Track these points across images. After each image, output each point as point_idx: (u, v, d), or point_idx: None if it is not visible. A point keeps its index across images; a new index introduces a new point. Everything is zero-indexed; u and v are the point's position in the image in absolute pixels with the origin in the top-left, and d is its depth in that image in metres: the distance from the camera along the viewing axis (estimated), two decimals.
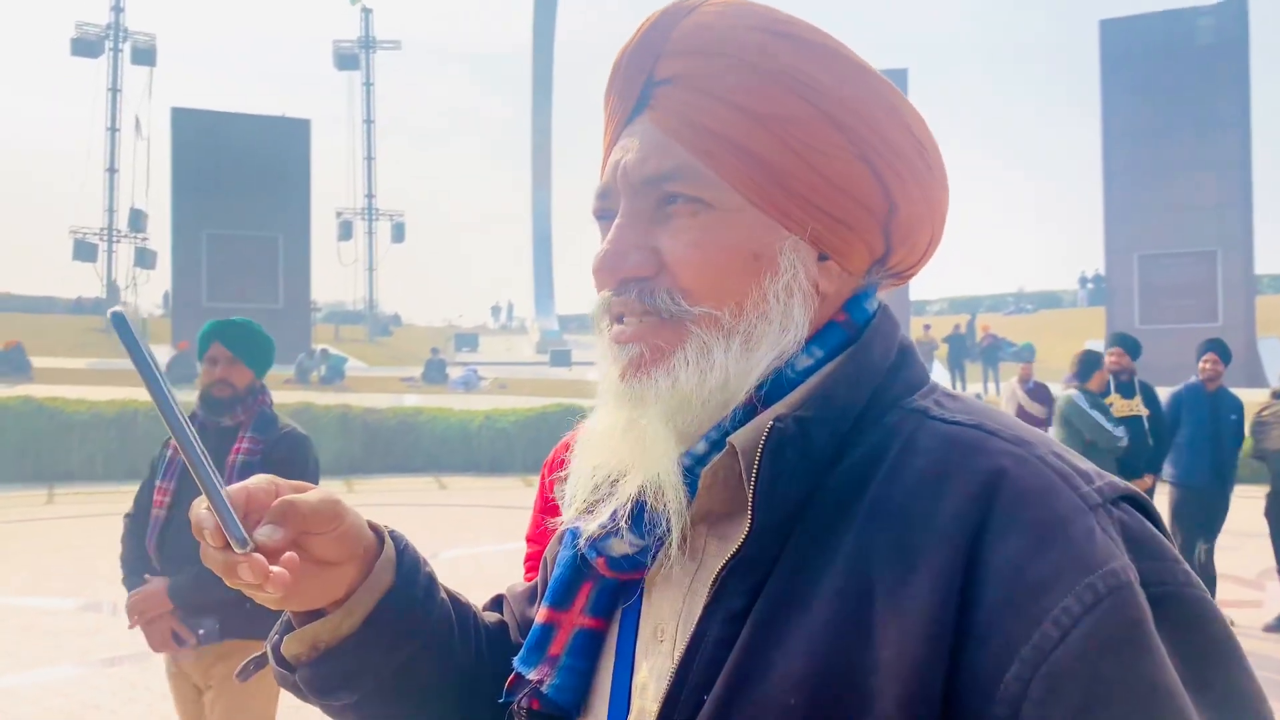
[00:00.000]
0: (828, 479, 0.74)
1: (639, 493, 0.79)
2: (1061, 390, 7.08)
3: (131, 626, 3.19)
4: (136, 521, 3.38)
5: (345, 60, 45.53)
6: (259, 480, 0.79)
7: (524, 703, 0.85)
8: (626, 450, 0.79)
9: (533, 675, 0.84)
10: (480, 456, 19.23)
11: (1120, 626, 0.62)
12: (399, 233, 46.44)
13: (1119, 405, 6.80)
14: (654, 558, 0.80)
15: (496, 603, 1.05)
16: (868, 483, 0.73)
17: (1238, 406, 7.13)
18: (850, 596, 0.68)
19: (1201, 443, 6.85)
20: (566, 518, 0.86)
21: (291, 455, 3.25)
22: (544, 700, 0.84)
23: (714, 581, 0.74)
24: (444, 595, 0.91)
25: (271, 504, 0.78)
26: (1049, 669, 0.61)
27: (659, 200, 0.80)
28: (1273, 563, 7.02)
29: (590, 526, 0.82)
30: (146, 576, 3.23)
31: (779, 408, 0.76)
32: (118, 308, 0.72)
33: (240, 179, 34.25)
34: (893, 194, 0.80)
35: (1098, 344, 25.12)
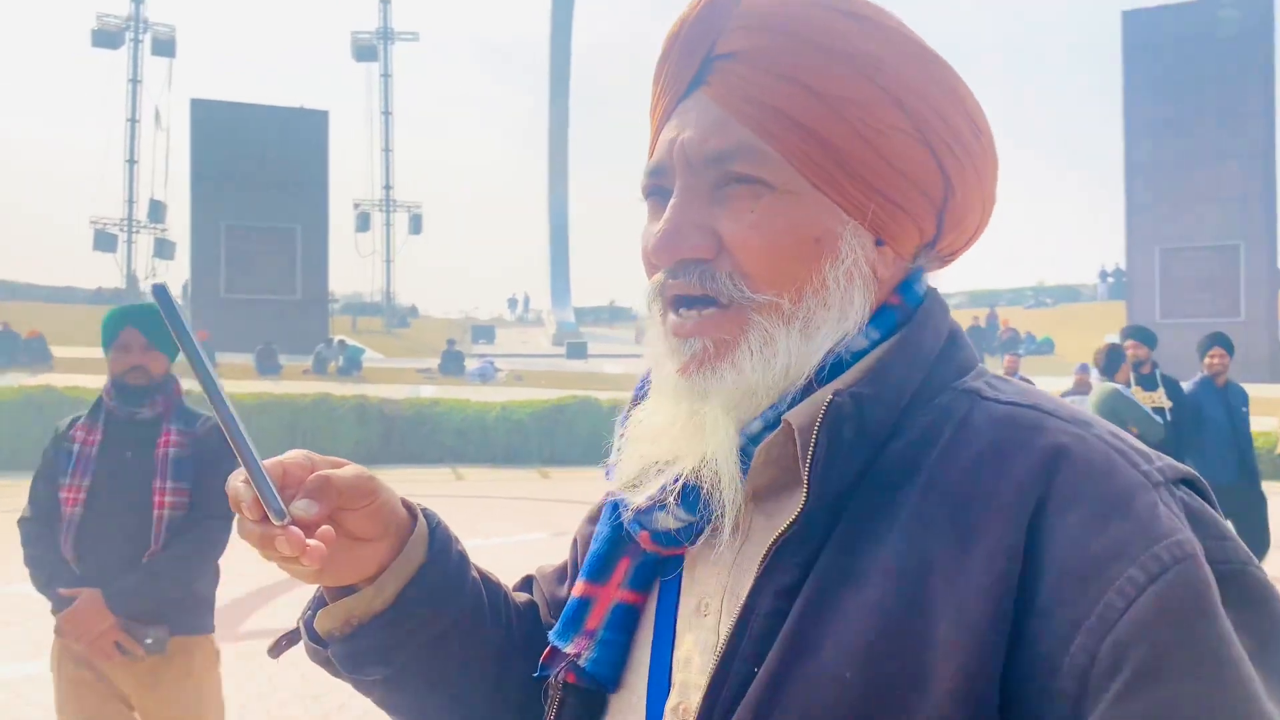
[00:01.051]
0: (882, 457, 0.74)
1: (692, 474, 0.77)
2: (1096, 383, 7.02)
3: (74, 643, 2.97)
4: (40, 524, 3.09)
5: (363, 52, 45.59)
6: (294, 455, 0.79)
7: (560, 676, 0.84)
8: (686, 441, 0.78)
9: (569, 649, 0.84)
10: (496, 448, 19.29)
11: (1186, 595, 0.61)
12: (416, 224, 46.56)
13: (1141, 398, 6.75)
14: (698, 535, 0.80)
15: (526, 583, 1.04)
16: (922, 461, 0.72)
17: (1245, 398, 7.02)
18: (907, 573, 0.68)
19: (1223, 440, 6.77)
20: (613, 489, 0.85)
21: (223, 448, 3.05)
22: (580, 674, 0.83)
23: (765, 556, 0.73)
24: (475, 573, 0.91)
25: (306, 479, 0.77)
26: (1114, 638, 0.61)
27: (718, 180, 0.78)
28: None
29: (638, 499, 0.81)
30: (62, 592, 2.99)
31: (835, 384, 0.75)
32: (160, 280, 0.72)
33: (258, 170, 34.43)
34: (951, 178, 0.79)
35: (1115, 338, 24.86)
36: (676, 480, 0.78)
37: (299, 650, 0.93)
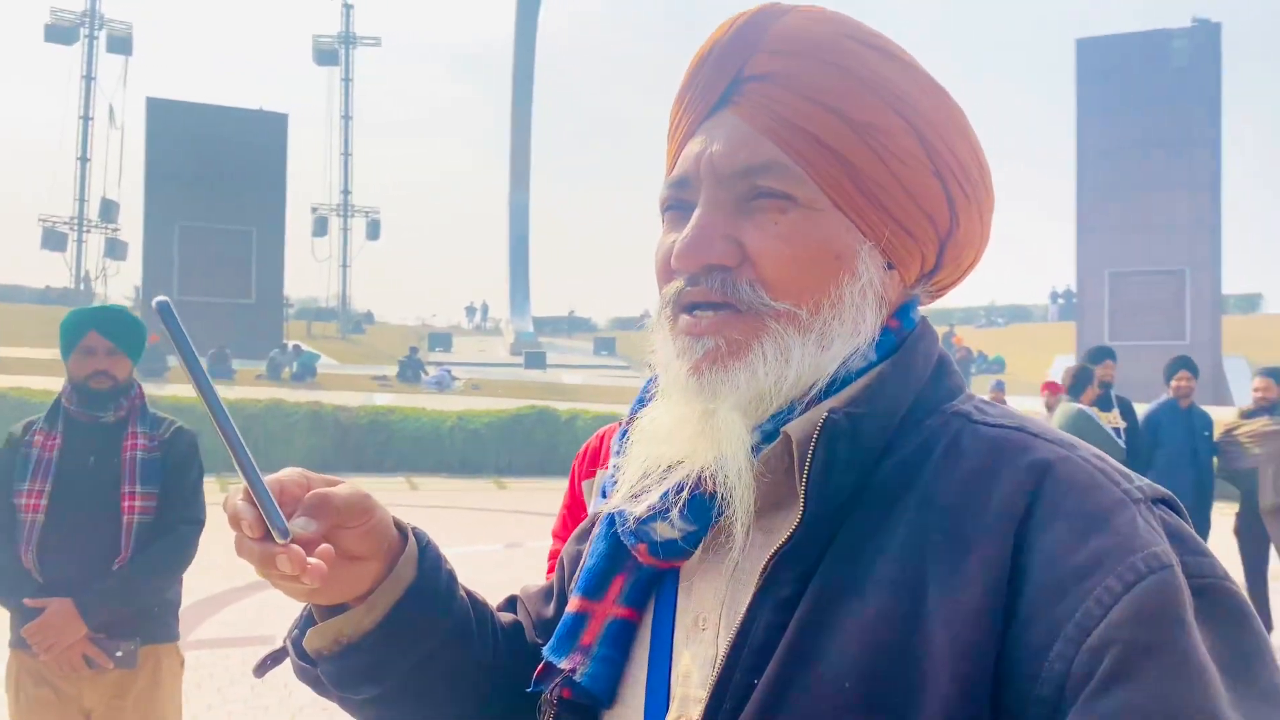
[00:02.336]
0: (875, 474, 0.76)
1: (703, 477, 0.79)
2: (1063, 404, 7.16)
3: (42, 656, 2.89)
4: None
5: (325, 56, 45.20)
6: (291, 473, 0.80)
7: (555, 692, 0.85)
8: (698, 441, 0.79)
9: (564, 664, 0.84)
10: (452, 457, 19.17)
11: (1159, 601, 0.63)
12: (374, 230, 46.15)
13: (1100, 418, 6.89)
14: (696, 546, 0.81)
15: (510, 603, 1.05)
16: (915, 479, 0.75)
17: (1209, 423, 7.23)
18: (904, 585, 0.70)
19: (1181, 460, 6.92)
20: (613, 502, 0.86)
21: (191, 451, 3.09)
22: (576, 689, 0.84)
23: (763, 570, 0.75)
24: (463, 593, 0.91)
25: (302, 497, 0.78)
26: (1090, 644, 0.63)
27: (744, 193, 0.80)
28: (1242, 580, 7.11)
29: (639, 508, 0.82)
30: (29, 603, 2.90)
31: (831, 402, 0.78)
32: (163, 297, 0.72)
33: (215, 172, 33.96)
34: (957, 211, 0.83)
35: (1069, 359, 25.30)
36: (681, 489, 0.80)
37: (246, 663, 0.92)
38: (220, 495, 3.78)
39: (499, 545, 10.79)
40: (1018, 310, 56.38)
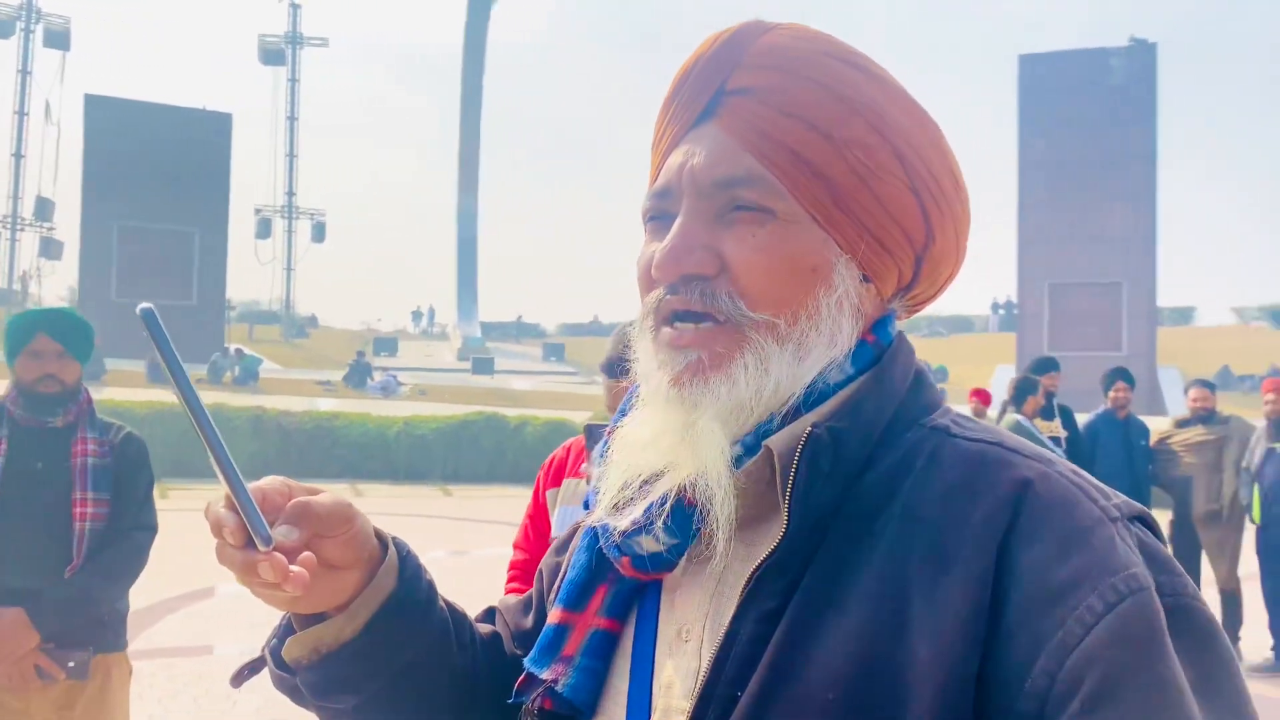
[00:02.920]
0: (856, 488, 0.77)
1: (684, 489, 0.79)
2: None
3: None
4: None
5: (271, 55, 44.57)
6: (273, 481, 0.80)
7: (536, 702, 0.85)
8: (679, 450, 0.80)
9: (546, 675, 0.85)
10: (398, 464, 18.98)
11: (1139, 624, 0.65)
12: (319, 232, 45.58)
13: (1041, 426, 7.04)
14: (680, 559, 0.82)
15: (488, 614, 1.05)
16: (896, 492, 0.76)
17: (1145, 432, 7.40)
18: (886, 598, 0.71)
19: (1118, 469, 7.07)
20: (595, 516, 0.86)
21: (142, 457, 3.05)
22: (557, 700, 0.84)
23: (747, 582, 0.76)
24: (443, 604, 0.91)
25: (284, 505, 0.78)
26: (1073, 661, 0.65)
27: (724, 205, 0.81)
28: None
29: (623, 522, 0.82)
30: None
31: (813, 416, 0.79)
32: (147, 305, 0.72)
33: (156, 171, 33.35)
34: (933, 227, 0.84)
35: (1010, 369, 25.72)
36: (664, 502, 0.80)
37: (189, 673, 0.91)
38: (161, 502, 3.64)
39: (444, 553, 10.70)
40: (960, 321, 57.25)
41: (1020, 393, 7.07)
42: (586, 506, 0.89)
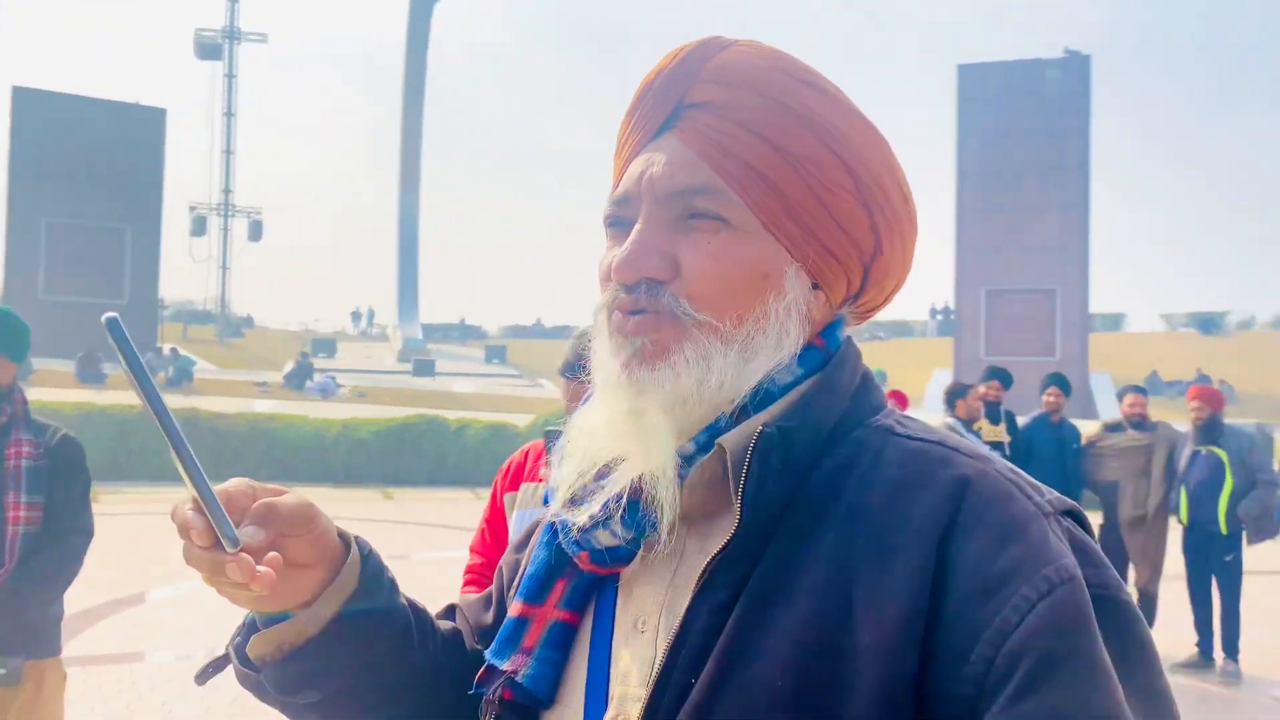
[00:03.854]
0: (805, 485, 0.81)
1: (634, 484, 0.83)
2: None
3: None
4: None
5: (207, 50, 43.76)
6: (237, 483, 0.82)
7: (497, 693, 0.88)
8: (629, 437, 0.84)
9: (506, 666, 0.88)
10: (336, 467, 18.72)
11: (1069, 612, 0.70)
12: (256, 231, 44.79)
13: (987, 430, 7.30)
14: (636, 553, 0.85)
15: (449, 612, 1.08)
16: (842, 489, 0.80)
17: (1078, 436, 7.63)
18: (833, 589, 0.75)
19: (1049, 472, 7.26)
20: (553, 509, 0.90)
21: (79, 459, 3.03)
22: (517, 690, 0.87)
23: (701, 575, 0.79)
24: (404, 601, 0.94)
25: (249, 506, 0.80)
26: (1009, 648, 0.69)
27: (681, 213, 0.85)
28: None
29: (580, 517, 0.86)
30: None
31: (763, 416, 0.83)
32: (112, 314, 0.73)
33: (86, 166, 32.58)
34: (881, 238, 0.89)
35: (947, 373, 26.10)
36: (620, 498, 0.84)
37: (121, 680, 0.91)
38: (92, 506, 3.57)
39: (384, 555, 10.59)
40: (899, 325, 58.13)
41: (952, 396, 7.42)
42: (546, 502, 0.92)
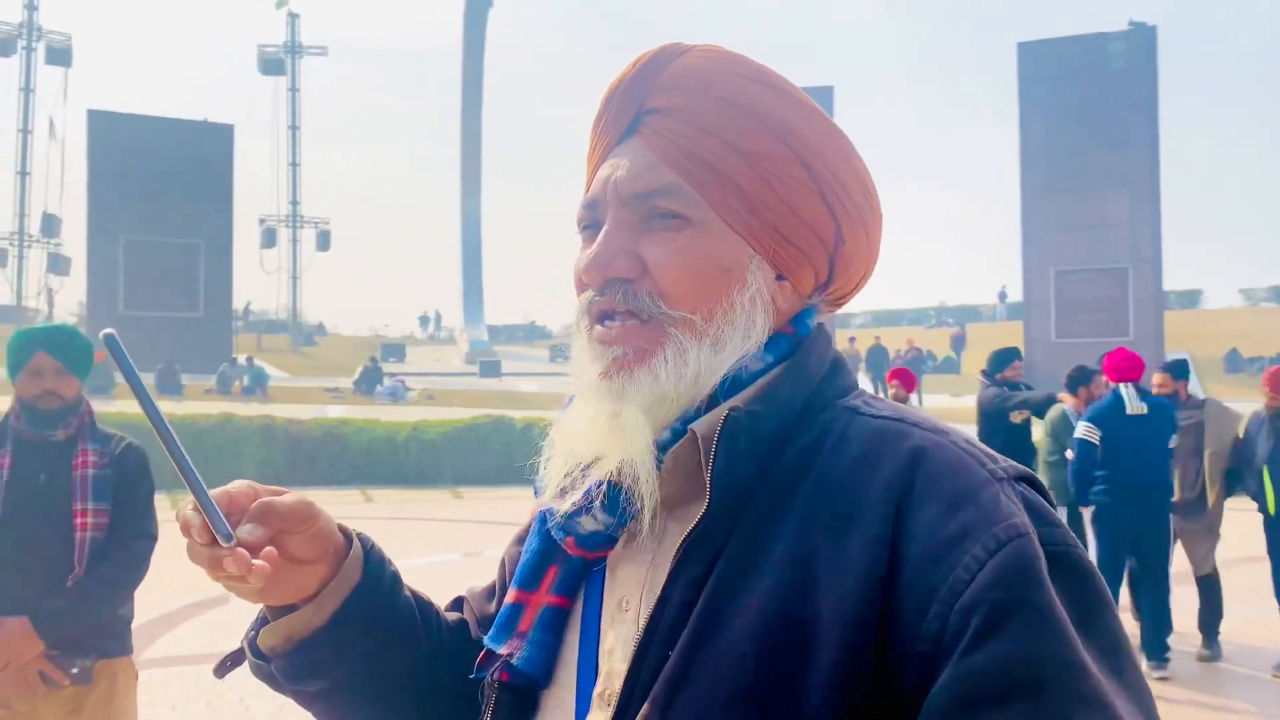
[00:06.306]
0: (774, 465, 0.85)
1: (613, 474, 0.87)
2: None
3: None
4: None
5: (270, 65, 44.69)
6: (239, 485, 0.88)
7: (495, 676, 0.93)
8: (609, 439, 0.88)
9: (503, 650, 0.92)
10: (407, 468, 19.02)
11: (1018, 565, 0.73)
12: (324, 240, 45.71)
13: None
14: (619, 537, 0.90)
15: (457, 603, 1.13)
16: (809, 467, 0.84)
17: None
18: (797, 561, 0.79)
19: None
20: (542, 500, 0.95)
21: (142, 466, 3.15)
22: (514, 672, 0.92)
23: (676, 553, 0.84)
24: (408, 592, 1.00)
25: (250, 505, 0.86)
26: (961, 605, 0.72)
27: (645, 214, 0.90)
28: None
29: (564, 505, 0.91)
30: None
31: (733, 401, 0.86)
32: (109, 330, 0.82)
33: (160, 184, 33.46)
34: (842, 229, 0.93)
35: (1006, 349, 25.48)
36: (601, 485, 0.88)
37: (201, 681, 0.98)
38: (172, 511, 3.72)
39: (457, 555, 10.76)
40: (967, 310, 57.09)
41: (1074, 383, 7.14)
42: (536, 494, 0.97)
